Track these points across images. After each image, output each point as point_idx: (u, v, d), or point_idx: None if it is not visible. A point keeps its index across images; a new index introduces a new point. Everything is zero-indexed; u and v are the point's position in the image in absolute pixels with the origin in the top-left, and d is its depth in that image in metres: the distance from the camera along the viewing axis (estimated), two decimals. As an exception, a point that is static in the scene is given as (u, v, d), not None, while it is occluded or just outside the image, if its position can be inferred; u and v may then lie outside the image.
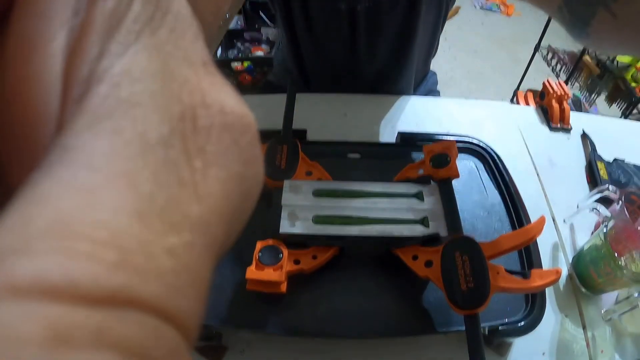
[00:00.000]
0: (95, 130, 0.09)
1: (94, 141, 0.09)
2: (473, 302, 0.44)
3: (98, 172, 0.09)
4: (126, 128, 0.09)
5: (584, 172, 0.77)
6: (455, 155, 0.57)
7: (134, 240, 0.08)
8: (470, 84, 2.83)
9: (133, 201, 0.09)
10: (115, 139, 0.09)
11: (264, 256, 0.48)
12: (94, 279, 0.08)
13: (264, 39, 2.22)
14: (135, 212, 0.09)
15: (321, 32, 0.83)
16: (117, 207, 0.09)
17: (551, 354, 0.55)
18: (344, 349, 0.54)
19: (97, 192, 0.09)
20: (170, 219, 0.09)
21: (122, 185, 0.09)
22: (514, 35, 3.23)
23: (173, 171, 0.10)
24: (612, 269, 0.54)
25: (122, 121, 0.09)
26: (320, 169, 0.59)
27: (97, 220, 0.08)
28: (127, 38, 0.10)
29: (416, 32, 0.81)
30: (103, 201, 0.08)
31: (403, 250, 0.51)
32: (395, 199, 0.55)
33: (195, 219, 0.10)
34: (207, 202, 0.10)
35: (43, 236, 0.08)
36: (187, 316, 0.09)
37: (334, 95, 0.86)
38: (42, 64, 0.09)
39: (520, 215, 0.60)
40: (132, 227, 0.09)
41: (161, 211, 0.09)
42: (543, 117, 0.85)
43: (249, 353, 0.54)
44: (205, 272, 0.10)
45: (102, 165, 0.09)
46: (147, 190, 0.09)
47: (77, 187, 0.08)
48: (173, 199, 0.09)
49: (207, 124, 0.11)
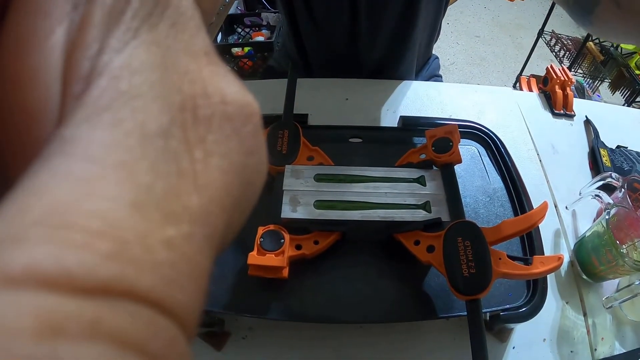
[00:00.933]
0: (94, 122, 0.09)
1: (92, 132, 0.09)
2: (475, 287, 0.44)
3: (96, 162, 0.09)
4: (125, 119, 0.09)
5: (587, 158, 0.76)
6: (457, 140, 0.56)
7: (130, 231, 0.08)
8: (473, 69, 2.81)
9: (130, 192, 0.09)
10: (114, 130, 0.09)
11: (265, 242, 0.48)
12: (87, 269, 0.08)
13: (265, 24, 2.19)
14: (132, 202, 0.09)
15: (322, 17, 0.82)
16: (114, 197, 0.08)
17: (552, 340, 0.55)
18: (346, 334, 0.54)
19: (94, 183, 0.08)
20: (169, 210, 0.09)
21: (120, 175, 0.09)
22: (517, 20, 3.20)
23: (172, 161, 0.10)
24: (613, 257, 0.54)
25: (121, 112, 0.09)
26: (322, 153, 0.59)
27: (93, 210, 0.08)
28: (126, 34, 0.10)
29: (418, 16, 0.80)
30: (100, 192, 0.08)
31: (405, 235, 0.51)
32: (397, 183, 0.55)
33: (194, 209, 0.10)
34: (208, 192, 0.10)
35: (37, 226, 0.08)
36: (184, 308, 0.09)
37: (335, 80, 0.85)
38: (42, 58, 0.09)
39: (522, 201, 0.59)
40: (129, 217, 0.08)
41: (159, 202, 0.09)
42: (546, 103, 0.85)
43: (251, 339, 0.54)
44: (205, 263, 0.10)
45: (100, 156, 0.09)
46: (146, 180, 0.09)
47: (74, 177, 0.08)
48: (172, 190, 0.09)
49: (208, 114, 0.11)
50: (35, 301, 0.07)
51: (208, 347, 0.54)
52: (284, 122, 0.60)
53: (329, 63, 0.92)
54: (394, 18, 0.80)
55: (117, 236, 0.08)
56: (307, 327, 0.55)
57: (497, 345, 0.54)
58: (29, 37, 0.09)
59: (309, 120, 0.70)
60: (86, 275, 0.08)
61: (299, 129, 0.59)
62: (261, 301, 0.50)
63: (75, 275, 0.07)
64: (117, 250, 0.08)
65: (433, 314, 0.51)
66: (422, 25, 0.84)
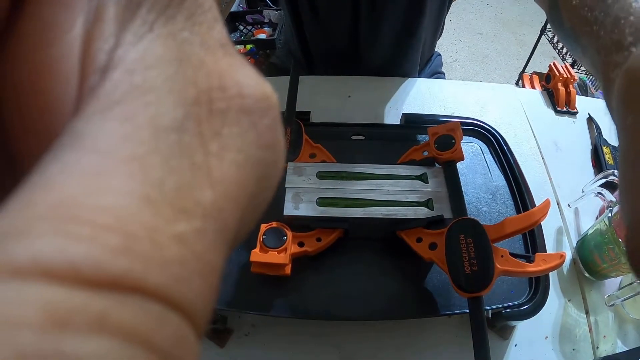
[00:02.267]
0: (107, 115, 0.09)
1: (104, 126, 0.09)
2: (477, 285, 0.44)
3: (107, 156, 0.09)
4: (138, 113, 0.09)
5: (590, 156, 0.76)
6: (460, 138, 0.56)
7: (140, 226, 0.08)
8: (475, 67, 2.80)
9: (142, 186, 0.09)
10: (126, 124, 0.09)
11: (268, 239, 0.48)
12: (95, 263, 0.08)
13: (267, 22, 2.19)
14: (143, 197, 0.09)
15: (325, 14, 0.82)
16: (124, 191, 0.08)
17: (554, 338, 0.55)
18: (348, 331, 0.54)
19: (105, 177, 0.08)
20: (181, 205, 0.09)
21: (131, 169, 0.09)
22: (520, 17, 3.18)
23: (186, 155, 0.09)
24: (616, 255, 0.54)
25: (134, 106, 0.09)
26: (324, 151, 0.59)
27: (102, 204, 0.08)
28: (142, 28, 0.10)
29: (423, 14, 0.79)
30: (109, 186, 0.08)
31: (407, 232, 0.51)
32: (400, 181, 0.55)
33: (207, 204, 0.09)
34: (222, 187, 0.10)
35: (45, 219, 0.08)
36: (194, 305, 0.09)
37: (338, 77, 0.85)
38: (64, 49, 0.09)
39: (525, 199, 0.59)
40: (139, 212, 0.08)
41: (171, 197, 0.09)
42: (549, 100, 0.85)
43: (253, 336, 0.54)
44: (217, 260, 0.10)
45: (111, 149, 0.09)
46: (157, 175, 0.09)
47: (84, 171, 0.08)
48: (185, 184, 0.09)
49: (224, 107, 0.10)
50: (41, 293, 0.07)
51: (211, 344, 0.54)
52: (286, 119, 0.60)
53: (332, 61, 0.92)
54: (396, 18, 0.80)
55: (126, 231, 0.08)
56: (310, 324, 0.55)
57: (499, 343, 0.54)
58: (51, 27, 0.10)
59: (311, 117, 0.70)
60: (94, 268, 0.07)
61: (301, 127, 0.59)
62: (264, 298, 0.50)
63: (82, 268, 0.07)
64: (126, 244, 0.08)
65: (435, 311, 0.51)
66: (426, 25, 0.83)
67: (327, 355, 0.53)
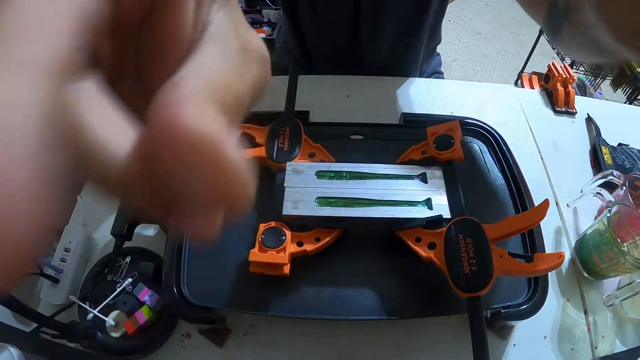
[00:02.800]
0: (209, 44, 0.16)
1: (209, 47, 0.16)
2: (476, 284, 0.44)
3: (213, 64, 0.16)
4: (223, 46, 0.17)
5: (588, 156, 0.76)
6: (459, 137, 0.56)
7: (228, 89, 0.15)
8: (475, 67, 2.81)
9: (228, 77, 0.16)
10: (220, 48, 0.16)
11: (266, 238, 0.48)
12: None
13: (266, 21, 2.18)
14: (226, 82, 0.16)
15: (324, 13, 0.81)
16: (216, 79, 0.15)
17: (553, 338, 0.55)
18: (347, 331, 0.55)
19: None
20: (234, 88, 0.16)
21: (223, 69, 0.16)
22: (519, 17, 3.18)
23: (238, 66, 0.17)
24: (615, 255, 0.54)
25: (221, 43, 0.17)
26: (323, 150, 0.59)
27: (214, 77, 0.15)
28: (219, 6, 0.17)
29: (426, 13, 0.79)
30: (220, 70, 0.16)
31: (406, 232, 0.51)
32: (399, 180, 0.55)
33: (238, 93, 0.16)
34: (248, 84, 0.17)
35: None
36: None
37: (337, 77, 0.85)
38: (186, 8, 0.15)
39: (524, 199, 0.59)
40: (229, 83, 0.16)
41: (234, 83, 0.16)
42: (547, 100, 0.85)
43: (252, 335, 0.54)
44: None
45: (217, 60, 0.16)
46: (233, 72, 0.16)
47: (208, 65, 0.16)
48: (236, 79, 0.16)
49: (251, 52, 0.19)
50: None
51: (210, 343, 0.54)
52: (285, 119, 0.60)
53: (331, 60, 0.92)
54: (400, 14, 0.79)
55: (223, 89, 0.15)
56: (309, 324, 0.55)
57: (498, 342, 0.55)
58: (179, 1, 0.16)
59: (310, 117, 0.70)
60: None
61: (300, 126, 0.59)
62: (263, 298, 0.50)
63: None
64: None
65: (434, 311, 0.51)
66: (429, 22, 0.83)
67: (326, 354, 0.54)
